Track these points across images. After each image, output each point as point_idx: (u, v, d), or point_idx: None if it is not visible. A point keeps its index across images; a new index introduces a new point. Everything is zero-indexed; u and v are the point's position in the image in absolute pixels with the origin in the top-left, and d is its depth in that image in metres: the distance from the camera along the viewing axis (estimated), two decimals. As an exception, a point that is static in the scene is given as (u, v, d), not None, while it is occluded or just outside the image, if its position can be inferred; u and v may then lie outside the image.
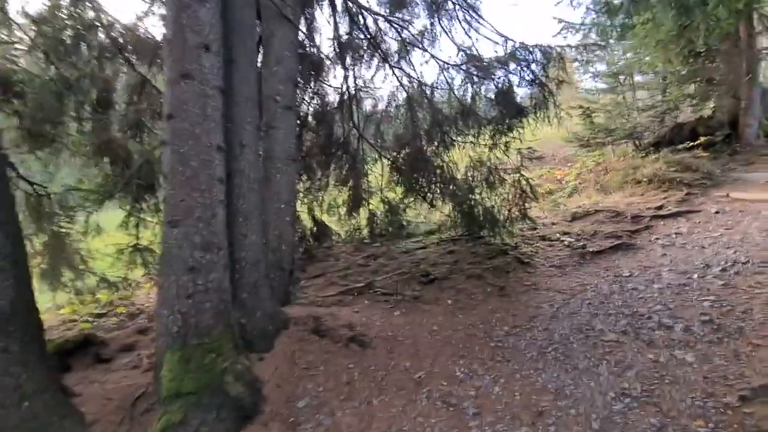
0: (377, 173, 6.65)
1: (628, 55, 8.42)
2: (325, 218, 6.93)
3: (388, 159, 6.34)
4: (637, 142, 9.15)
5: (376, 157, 6.66)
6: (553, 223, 5.95)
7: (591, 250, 4.86)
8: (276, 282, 3.71)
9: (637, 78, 9.91)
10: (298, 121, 5.29)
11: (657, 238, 5.05)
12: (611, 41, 8.78)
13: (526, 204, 4.86)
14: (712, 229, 5.02)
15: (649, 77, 9.17)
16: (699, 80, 7.58)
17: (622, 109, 8.72)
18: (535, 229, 5.90)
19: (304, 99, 6.02)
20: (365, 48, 6.12)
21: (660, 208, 6.00)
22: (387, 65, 6.11)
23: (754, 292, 3.27)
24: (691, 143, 7.75)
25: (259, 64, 3.69)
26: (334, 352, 3.00)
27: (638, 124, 8.50)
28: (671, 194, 6.48)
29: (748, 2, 5.68)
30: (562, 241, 5.19)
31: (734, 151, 7.59)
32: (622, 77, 9.08)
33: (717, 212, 5.56)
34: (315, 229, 6.69)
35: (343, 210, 6.73)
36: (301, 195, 6.59)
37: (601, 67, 9.71)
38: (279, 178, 3.81)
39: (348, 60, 6.16)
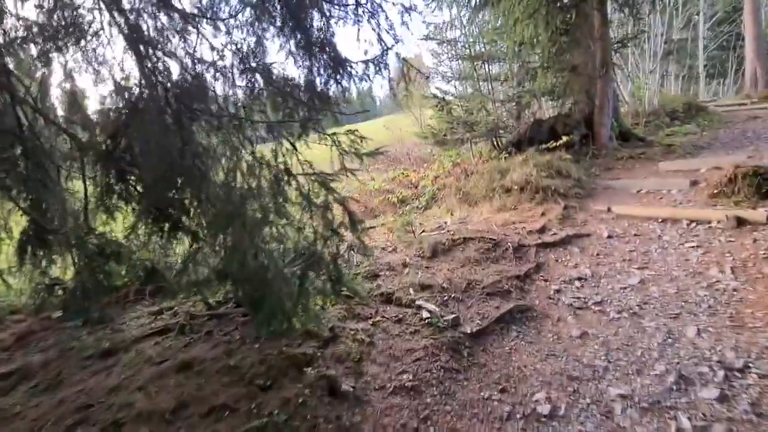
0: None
1: (486, 31, 7.01)
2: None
3: (93, 151, 3.05)
4: (496, 140, 7.81)
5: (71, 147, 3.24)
6: (405, 265, 3.59)
7: (468, 330, 2.57)
8: None
9: (494, 69, 8.71)
10: None
11: (558, 291, 3.10)
12: (466, 16, 7.15)
13: (339, 248, 2.22)
14: (622, 269, 3.34)
15: (506, 67, 8.01)
16: (563, 68, 6.49)
17: (483, 100, 7.29)
18: (376, 276, 3.43)
19: None
20: None
21: (543, 230, 4.26)
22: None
23: None
24: (553, 143, 6.59)
25: None
26: None
27: (498, 118, 7.10)
28: (548, 207, 4.91)
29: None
30: (419, 309, 2.80)
31: (593, 154, 6.71)
32: (478, 63, 7.69)
33: (610, 236, 4.04)
34: None
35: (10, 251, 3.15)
36: None
37: (456, 51, 8.20)
38: None
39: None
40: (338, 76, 2.87)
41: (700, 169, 5.20)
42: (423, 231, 4.77)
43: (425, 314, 2.73)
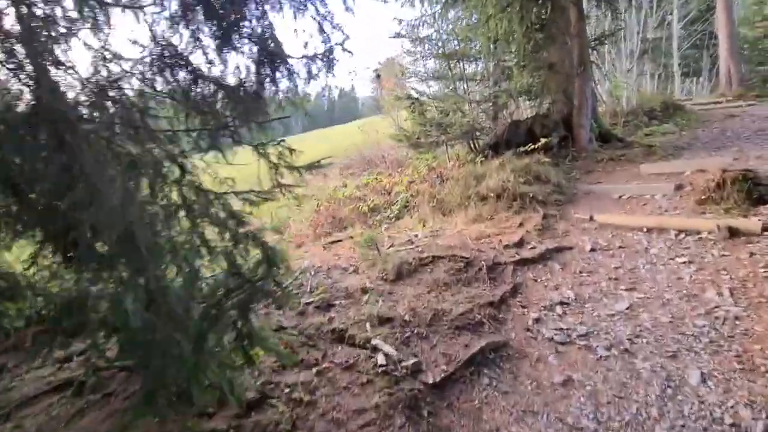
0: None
1: (460, 28, 6.63)
2: None
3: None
4: (473, 143, 7.44)
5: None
6: (365, 290, 3.13)
7: (430, 380, 2.13)
8: None
9: (470, 68, 8.36)
10: None
11: (538, 320, 2.69)
12: (439, 10, 6.75)
13: (254, 295, 1.69)
14: (608, 291, 2.96)
15: (482, 66, 7.66)
16: (539, 66, 6.15)
17: (458, 100, 6.89)
18: (330, 306, 2.96)
19: None
20: None
21: (521, 244, 3.86)
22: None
23: None
24: (531, 145, 6.25)
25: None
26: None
27: (475, 120, 6.73)
28: (526, 216, 4.54)
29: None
30: (375, 351, 2.34)
31: (573, 156, 6.41)
32: (453, 62, 7.30)
33: (593, 249, 3.68)
34: None
35: None
36: None
37: (431, 49, 7.80)
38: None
39: None
40: (276, 75, 2.40)
41: (685, 172, 4.92)
42: (391, 245, 4.33)
43: (381, 359, 2.27)
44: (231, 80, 2.41)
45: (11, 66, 1.98)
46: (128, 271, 1.78)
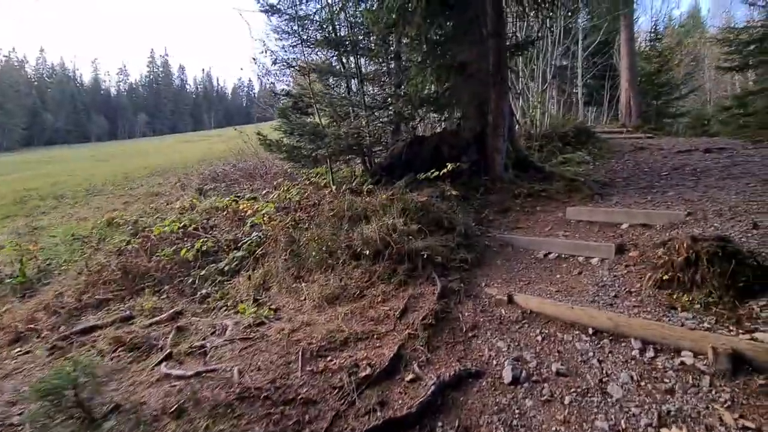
0: None
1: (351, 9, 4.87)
2: None
3: None
4: (368, 161, 5.70)
5: None
6: None
7: None
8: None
9: (370, 66, 6.65)
10: None
11: None
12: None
13: None
14: None
15: (382, 63, 6.01)
16: (447, 65, 4.62)
17: (339, 104, 5.09)
18: None
19: None
20: None
21: (394, 369, 2.08)
22: None
23: None
24: (436, 171, 4.69)
25: None
26: None
27: (363, 131, 4.97)
28: (415, 293, 2.83)
29: None
30: None
31: (486, 188, 5.00)
32: (343, 53, 5.49)
33: (516, 380, 2.07)
34: None
35: None
36: None
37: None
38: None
39: None
40: None
41: (621, 225, 3.70)
42: (163, 361, 2.27)
43: None
44: None
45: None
46: None
